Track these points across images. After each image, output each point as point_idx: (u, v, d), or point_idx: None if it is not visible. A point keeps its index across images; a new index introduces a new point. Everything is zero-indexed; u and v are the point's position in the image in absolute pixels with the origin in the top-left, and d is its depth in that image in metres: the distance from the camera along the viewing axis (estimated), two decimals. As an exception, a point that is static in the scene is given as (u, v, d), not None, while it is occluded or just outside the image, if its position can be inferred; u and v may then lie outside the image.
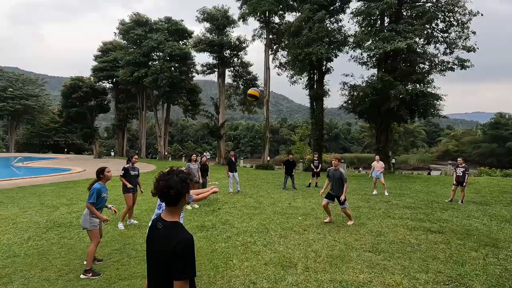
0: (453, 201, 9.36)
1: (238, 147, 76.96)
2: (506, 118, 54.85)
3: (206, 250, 5.03)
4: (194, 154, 8.93)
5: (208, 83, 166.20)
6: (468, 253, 4.91)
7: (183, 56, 30.99)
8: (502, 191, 11.41)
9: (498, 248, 5.17)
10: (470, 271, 4.20)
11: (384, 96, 17.03)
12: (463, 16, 17.06)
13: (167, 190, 1.68)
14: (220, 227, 6.45)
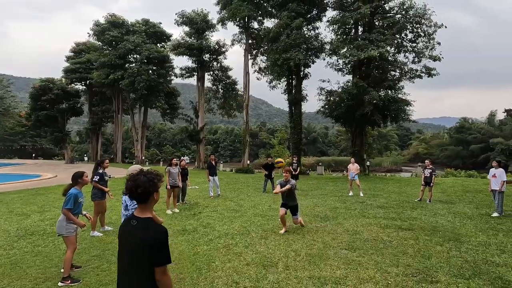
0: (422, 200, 9.98)
1: (218, 151, 76.47)
2: (469, 123, 58.84)
3: (188, 253, 5.07)
4: (175, 158, 8.89)
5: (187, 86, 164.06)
6: (434, 247, 5.31)
7: (161, 59, 30.58)
8: (465, 191, 12.31)
9: (460, 242, 5.64)
10: (435, 263, 4.57)
11: (358, 101, 17.82)
12: (429, 27, 18.33)
13: (135, 189, 1.84)
14: (202, 230, 6.49)
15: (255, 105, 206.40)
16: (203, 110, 29.47)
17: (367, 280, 4.01)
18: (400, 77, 19.37)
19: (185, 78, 30.95)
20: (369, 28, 19.51)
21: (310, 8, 21.56)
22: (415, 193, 11.60)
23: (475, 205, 9.22)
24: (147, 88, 29.31)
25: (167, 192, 8.46)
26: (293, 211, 6.35)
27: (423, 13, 17.97)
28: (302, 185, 14.55)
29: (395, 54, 19.75)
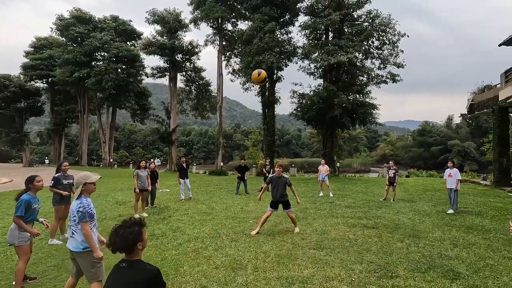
0: (387, 199, 10.50)
1: (191, 153, 75.16)
2: (430, 126, 63.04)
3: (155, 259, 4.91)
4: (144, 161, 8.59)
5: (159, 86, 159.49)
6: (395, 244, 5.61)
7: (131, 58, 29.51)
8: (425, 190, 13.16)
9: (419, 238, 6.01)
10: (395, 259, 4.83)
11: (329, 104, 18.43)
12: (393, 36, 19.44)
13: (118, 244, 1.92)
14: (171, 234, 6.33)
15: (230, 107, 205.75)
16: (175, 111, 28.82)
17: (332, 278, 4.14)
18: (368, 82, 20.33)
19: (157, 78, 30.14)
20: (339, 34, 20.28)
21: (283, 12, 21.96)
22: (380, 192, 12.18)
23: (433, 203, 9.87)
24: (115, 88, 28.12)
25: (135, 195, 8.16)
26: (286, 205, 6.47)
27: (387, 22, 19.03)
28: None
29: (363, 60, 20.69)
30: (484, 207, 9.22)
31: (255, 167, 24.44)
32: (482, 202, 10.09)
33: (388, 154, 62.48)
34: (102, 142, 33.77)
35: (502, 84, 12.68)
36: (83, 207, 3.10)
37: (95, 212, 3.37)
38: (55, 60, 32.58)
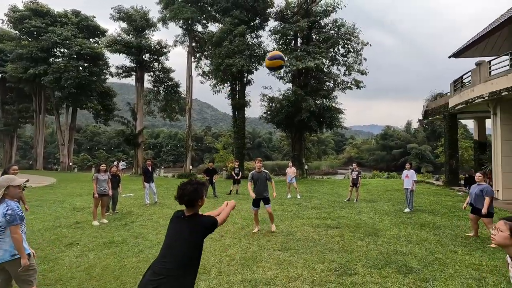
0: (350, 200, 10.96)
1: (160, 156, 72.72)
2: (392, 130, 67.07)
3: (113, 267, 4.66)
4: (103, 164, 8.14)
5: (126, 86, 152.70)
6: (356, 242, 5.86)
7: (94, 55, 27.94)
8: (386, 190, 13.94)
9: (377, 236, 6.33)
10: (355, 257, 5.03)
11: (297, 108, 18.89)
12: (357, 44, 20.50)
13: (182, 197, 2.29)
14: (132, 241, 6.04)
15: (201, 109, 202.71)
16: (142, 112, 27.76)
17: (295, 278, 4.20)
18: (334, 87, 21.17)
19: (122, 78, 28.81)
20: (307, 40, 20.93)
21: (253, 16, 22.17)
22: (345, 193, 12.67)
23: (392, 203, 10.48)
24: (76, 86, 26.44)
25: (94, 201, 7.68)
26: (266, 201, 6.59)
27: (352, 31, 20.02)
28: (244, 189, 14.70)
29: (329, 66, 21.53)
30: (436, 205, 9.97)
31: (225, 170, 24.26)
32: (435, 201, 10.90)
33: (354, 156, 65.33)
34: (61, 145, 31.50)
35: (451, 93, 13.88)
36: (12, 209, 2.82)
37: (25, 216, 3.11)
38: (6, 54, 29.89)
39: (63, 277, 4.33)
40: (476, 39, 14.12)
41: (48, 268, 4.67)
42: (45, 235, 6.53)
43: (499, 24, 12.36)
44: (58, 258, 5.09)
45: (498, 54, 13.25)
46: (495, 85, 9.97)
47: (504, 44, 14.18)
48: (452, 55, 16.16)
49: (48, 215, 8.65)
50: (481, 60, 11.33)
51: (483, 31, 13.76)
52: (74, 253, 5.36)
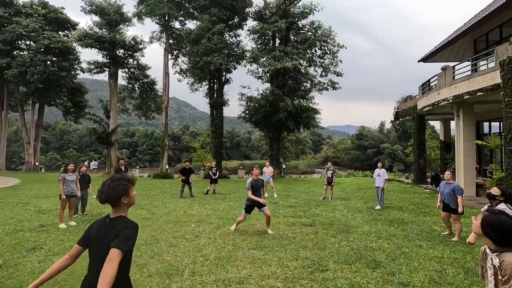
0: (325, 198, 11.22)
1: (135, 155, 70.47)
2: (366, 131, 69.55)
3: (80, 272, 4.43)
4: (72, 164, 7.74)
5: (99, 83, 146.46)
6: (329, 239, 6.01)
7: (63, 49, 26.49)
8: (359, 188, 14.42)
9: (349, 233, 6.53)
10: (328, 253, 5.17)
11: (275, 108, 19.05)
12: (333, 47, 21.03)
13: (100, 195, 2.00)
14: (102, 244, 5.80)
15: (178, 108, 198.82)
16: (115, 110, 26.76)
17: (268, 276, 4.24)
18: (311, 88, 21.58)
19: (94, 74, 27.59)
20: (285, 41, 21.17)
21: (231, 15, 22.05)
22: (321, 192, 12.95)
23: (364, 200, 10.86)
24: (44, 82, 24.96)
25: (61, 203, 7.29)
26: (261, 205, 6.53)
27: (328, 33, 20.51)
28: (221, 188, 14.62)
29: (306, 67, 21.91)
30: (405, 202, 10.46)
31: (203, 170, 23.98)
32: (404, 198, 11.44)
33: (330, 156, 67.00)
34: (26, 143, 29.59)
35: (420, 95, 14.63)
36: None
37: None
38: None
39: (24, 284, 4.08)
40: (442, 45, 14.99)
41: (6, 274, 4.38)
42: (4, 240, 6.11)
43: (462, 33, 13.20)
44: (19, 264, 4.78)
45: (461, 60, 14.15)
46: (458, 89, 10.63)
47: (467, 51, 15.16)
48: (421, 60, 17.04)
49: (9, 218, 8.10)
50: (446, 65, 12.03)
51: (448, 38, 14.63)
52: (37, 258, 5.07)
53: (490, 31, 13.18)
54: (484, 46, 13.62)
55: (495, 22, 12.42)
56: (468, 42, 14.76)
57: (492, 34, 13.22)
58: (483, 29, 13.18)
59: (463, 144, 11.20)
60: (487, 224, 1.78)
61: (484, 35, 13.64)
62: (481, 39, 14.05)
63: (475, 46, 14.56)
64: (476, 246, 5.60)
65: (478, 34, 13.81)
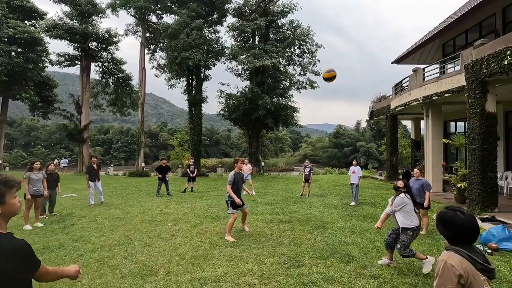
0: (303, 195, 11.41)
1: (110, 152, 67.91)
2: (343, 129, 71.49)
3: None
4: (38, 162, 7.30)
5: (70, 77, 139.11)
6: (305, 235, 6.12)
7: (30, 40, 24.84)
8: (336, 185, 14.81)
9: (325, 228, 6.69)
10: (304, 249, 5.26)
11: (254, 105, 19.05)
12: (312, 46, 21.34)
13: None
14: (71, 245, 5.54)
15: (156, 104, 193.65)
16: (88, 105, 25.56)
17: (245, 274, 4.24)
18: (290, 86, 21.79)
19: (65, 67, 26.15)
20: (264, 39, 21.20)
21: (211, 10, 21.74)
22: (299, 189, 13.17)
23: (340, 197, 11.17)
24: (8, 74, 23.29)
25: (26, 203, 6.87)
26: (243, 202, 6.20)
27: (307, 33, 20.78)
28: (200, 187, 14.45)
29: (286, 66, 22.09)
30: (378, 198, 10.87)
31: (181, 168, 23.55)
32: (377, 194, 11.88)
33: (309, 154, 68.23)
34: (-12, 140, 27.55)
35: (393, 96, 15.23)
36: None
37: None
38: None
39: None
40: (413, 48, 15.68)
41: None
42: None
43: (431, 37, 13.89)
44: None
45: (431, 63, 14.89)
46: (427, 90, 11.18)
47: (436, 54, 15.97)
48: (394, 61, 17.72)
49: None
50: (417, 67, 12.60)
51: (419, 41, 15.33)
52: (-2, 262, 4.74)
53: (457, 36, 13.97)
54: (451, 50, 14.41)
55: (462, 28, 13.17)
56: (437, 46, 15.55)
57: (459, 39, 14.02)
58: (451, 34, 13.95)
59: (432, 142, 11.80)
60: (437, 220, 1.73)
61: (452, 40, 14.43)
62: (449, 43, 14.85)
63: (443, 50, 15.37)
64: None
65: (446, 38, 14.59)
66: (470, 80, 8.20)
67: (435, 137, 11.80)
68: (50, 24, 23.43)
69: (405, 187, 4.61)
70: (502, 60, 7.07)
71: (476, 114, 8.03)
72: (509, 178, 10.76)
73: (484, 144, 7.90)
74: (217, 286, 3.89)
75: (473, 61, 8.09)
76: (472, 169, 8.21)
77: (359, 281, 4.01)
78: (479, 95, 7.96)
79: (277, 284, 3.91)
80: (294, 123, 21.68)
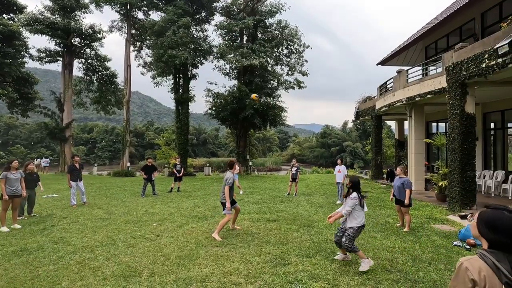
0: (290, 194, 11.48)
1: (94, 152, 66.17)
2: (330, 129, 72.42)
3: (23, 278, 4.06)
4: (16, 161, 7.01)
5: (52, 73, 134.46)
6: (291, 234, 6.15)
7: (8, 34, 23.83)
8: (322, 184, 14.98)
9: (311, 227, 6.74)
10: (290, 248, 5.28)
11: (241, 105, 19.01)
12: (299, 46, 21.48)
13: None
14: (50, 247, 5.35)
15: (142, 103, 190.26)
16: (70, 103, 24.80)
17: (231, 273, 4.22)
18: (277, 86, 21.87)
19: (46, 63, 25.26)
20: (252, 38, 21.18)
21: (198, 8, 21.53)
22: (286, 188, 13.25)
23: (326, 196, 11.30)
24: (-17, 70, 22.29)
25: (2, 204, 6.59)
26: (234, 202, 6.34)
27: (295, 33, 20.91)
28: (186, 186, 14.30)
29: (273, 65, 22.14)
30: (363, 197, 11.05)
31: (167, 167, 23.22)
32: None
33: (296, 153, 68.73)
34: (-38, 138, 26.28)
35: (378, 96, 15.55)
36: None
37: None
38: None
39: None
40: (397, 50, 16.05)
41: None
42: None
43: (414, 40, 14.26)
44: None
45: (414, 65, 15.29)
46: (411, 91, 11.48)
47: (419, 56, 16.42)
48: (379, 63, 18.09)
49: None
50: (401, 69, 12.90)
51: (403, 44, 15.71)
52: (-28, 265, 4.52)
53: (439, 39, 14.41)
54: (434, 53, 14.85)
55: (443, 32, 13.60)
56: (420, 48, 15.99)
57: (440, 42, 14.46)
58: (433, 37, 14.37)
59: (415, 142, 12.13)
60: (483, 221, 1.46)
61: (434, 43, 14.87)
62: (431, 46, 15.29)
63: (426, 52, 15.82)
64: (423, 235, 6.12)
65: (429, 41, 15.02)
66: (451, 82, 8.47)
67: (418, 137, 12.13)
68: (30, 18, 22.58)
69: (351, 183, 4.66)
70: (481, 63, 7.33)
71: (456, 114, 8.30)
72: (487, 176, 11.20)
73: (463, 143, 8.18)
74: (203, 286, 3.85)
75: (453, 63, 8.36)
76: (452, 168, 8.48)
77: (343, 278, 4.06)
78: (459, 97, 8.23)
79: (263, 283, 3.91)
80: (281, 123, 21.78)
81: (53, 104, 25.40)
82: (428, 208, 8.74)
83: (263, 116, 20.41)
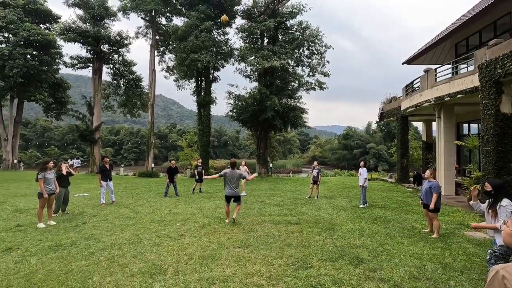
0: (311, 197, 11.34)
1: (120, 153, 69.06)
2: (353, 131, 70.77)
3: (58, 272, 4.31)
4: (51, 161, 7.48)
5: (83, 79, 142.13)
6: (313, 237, 6.07)
7: (45, 43, 25.57)
8: (345, 187, 14.65)
9: (334, 230, 6.62)
10: (312, 251, 5.21)
11: (262, 107, 19.06)
12: (321, 47, 21.23)
13: None
14: (82, 243, 5.65)
15: (166, 105, 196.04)
16: (99, 107, 26.09)
17: (253, 274, 4.23)
18: (298, 87, 21.72)
19: (78, 69, 26.79)
20: (273, 40, 21.21)
21: (220, 12, 21.89)
22: (307, 191, 13.09)
23: (349, 199, 11.05)
24: (23, 76, 24.04)
25: (40, 202, 7.04)
26: (237, 200, 7.45)
27: (316, 34, 20.69)
28: (208, 187, 14.53)
29: (294, 67, 22.03)
30: (388, 201, 10.70)
31: (190, 168, 23.73)
32: (387, 196, 11.70)
33: (317, 155, 67.81)
34: (4, 140, 28.41)
35: (403, 97, 15.00)
36: None
37: None
38: None
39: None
40: (425, 49, 15.41)
41: (-21, 276, 4.19)
42: (-22, 240, 5.84)
43: (443, 37, 13.61)
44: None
45: (443, 63, 14.60)
46: (439, 91, 10.97)
47: (448, 54, 15.65)
48: (405, 62, 17.45)
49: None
50: (428, 68, 12.38)
51: (431, 42, 15.05)
52: (13, 258, 4.87)
53: (470, 35, 13.66)
54: (464, 50, 14.10)
55: (475, 27, 12.88)
56: (450, 46, 15.24)
57: (472, 39, 13.71)
58: (464, 33, 13.65)
59: (444, 144, 11.56)
60: None
61: (465, 40, 14.12)
62: (461, 43, 14.53)
63: (456, 50, 15.05)
64: (454, 242, 5.81)
65: (459, 38, 14.28)
66: (484, 80, 8.01)
67: (447, 139, 11.55)
68: (64, 27, 24.07)
69: (494, 187, 3.77)
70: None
71: (491, 115, 7.83)
72: (525, 181, 10.43)
73: (498, 146, 7.69)
74: (225, 286, 3.89)
75: (487, 61, 7.90)
76: (486, 171, 8.00)
77: (368, 284, 3.95)
78: (494, 96, 7.76)
79: (285, 286, 3.89)
80: (302, 125, 21.60)
81: (83, 108, 26.83)
82: (459, 214, 8.29)
83: (284, 117, 20.34)
